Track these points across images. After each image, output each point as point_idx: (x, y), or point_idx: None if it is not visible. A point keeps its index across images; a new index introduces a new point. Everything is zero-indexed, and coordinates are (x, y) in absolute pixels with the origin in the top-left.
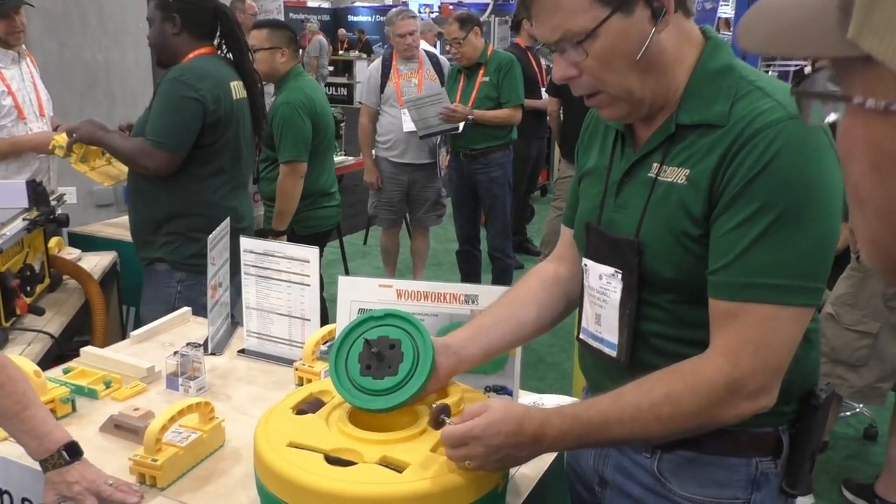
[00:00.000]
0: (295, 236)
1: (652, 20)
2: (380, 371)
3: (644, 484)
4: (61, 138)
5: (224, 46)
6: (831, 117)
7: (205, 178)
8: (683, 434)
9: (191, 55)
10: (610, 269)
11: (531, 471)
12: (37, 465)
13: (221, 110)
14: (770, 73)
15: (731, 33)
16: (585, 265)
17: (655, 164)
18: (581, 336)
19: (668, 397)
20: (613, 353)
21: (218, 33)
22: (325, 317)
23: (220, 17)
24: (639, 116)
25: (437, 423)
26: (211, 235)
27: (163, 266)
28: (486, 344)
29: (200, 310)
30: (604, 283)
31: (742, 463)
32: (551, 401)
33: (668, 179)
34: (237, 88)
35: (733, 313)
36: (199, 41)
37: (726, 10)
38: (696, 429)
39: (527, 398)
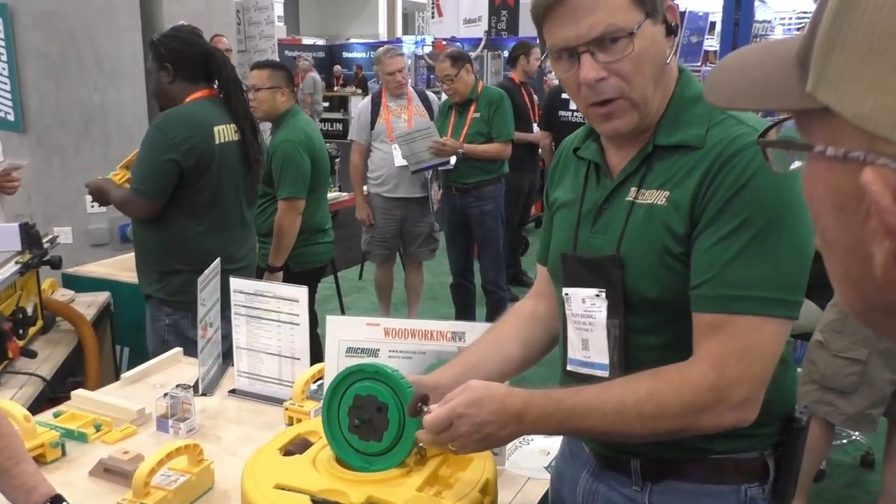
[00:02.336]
0: (289, 272)
1: (667, 36)
2: (367, 433)
3: None
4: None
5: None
6: (795, 164)
7: (178, 218)
8: (664, 436)
9: (188, 99)
10: (593, 291)
11: None
12: None
13: (198, 156)
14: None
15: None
16: (566, 294)
17: (633, 189)
18: (569, 367)
19: (652, 396)
20: (605, 374)
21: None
22: (319, 354)
23: (209, 61)
24: (636, 130)
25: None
26: (201, 277)
27: (153, 301)
28: None
29: (189, 343)
30: (587, 306)
31: (731, 490)
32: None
33: (648, 202)
34: (224, 132)
35: (718, 325)
36: (194, 85)
37: (712, 44)
38: (676, 431)
39: None
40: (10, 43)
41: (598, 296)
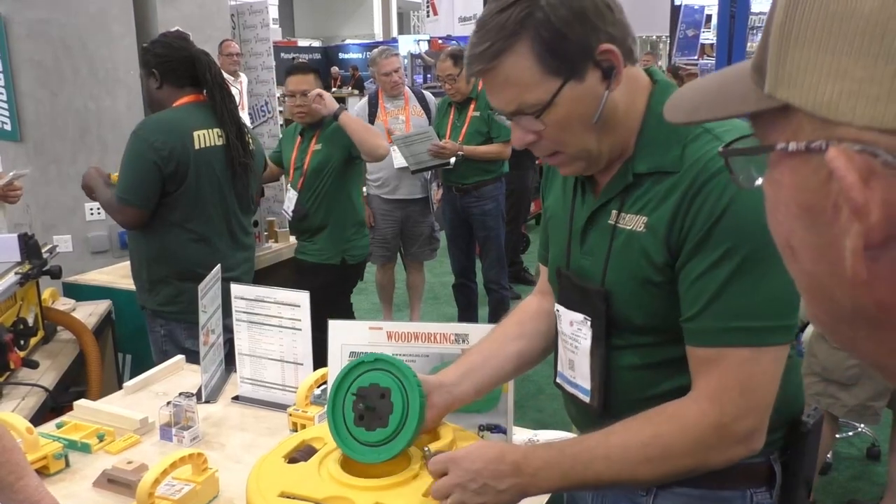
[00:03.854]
0: (346, 265)
1: (604, 81)
2: (372, 423)
3: None
4: None
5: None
6: (759, 181)
7: (161, 227)
8: (674, 477)
9: (174, 104)
10: (580, 317)
11: None
12: None
13: (176, 161)
14: None
15: (714, 58)
16: (558, 311)
17: (614, 212)
18: (557, 380)
19: (656, 438)
20: (587, 399)
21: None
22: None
23: (194, 65)
24: (597, 169)
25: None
26: (201, 284)
27: (147, 312)
28: (478, 381)
29: (186, 353)
30: (574, 330)
31: (737, 495)
32: (546, 437)
33: (628, 227)
34: (206, 137)
35: (713, 359)
36: (180, 90)
37: (709, 37)
38: (686, 471)
39: (522, 434)
40: (5, 52)
41: (584, 322)
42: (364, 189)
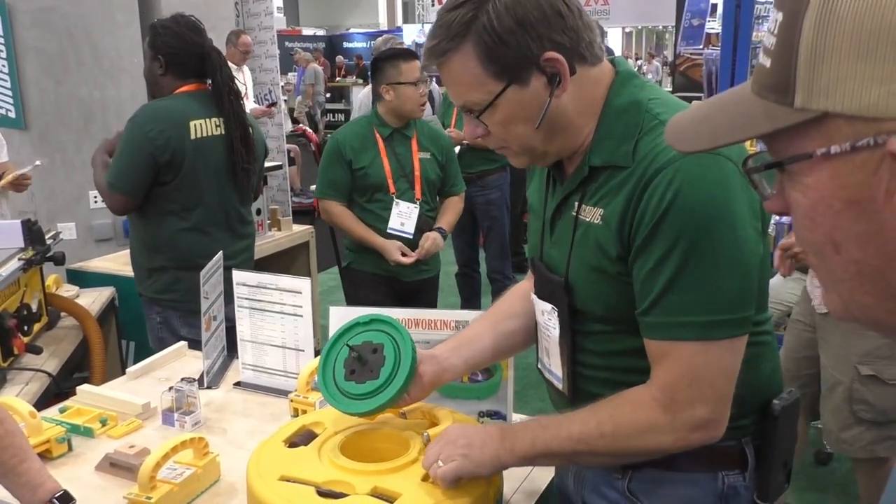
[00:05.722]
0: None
1: (548, 86)
2: (362, 375)
3: None
4: None
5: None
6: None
7: (159, 216)
8: (631, 457)
9: (175, 92)
10: (548, 306)
11: (525, 496)
12: None
13: (172, 151)
14: None
15: (719, 48)
16: (534, 300)
17: (576, 203)
18: (538, 366)
19: (611, 417)
20: (560, 385)
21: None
22: None
23: (205, 60)
24: (545, 164)
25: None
26: (203, 270)
27: (144, 299)
28: (468, 355)
29: (180, 340)
30: (545, 319)
31: (708, 478)
32: None
33: (587, 219)
34: (203, 126)
35: (665, 352)
36: (183, 79)
37: (714, 26)
38: (642, 452)
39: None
40: (10, 40)
41: (552, 311)
42: None
